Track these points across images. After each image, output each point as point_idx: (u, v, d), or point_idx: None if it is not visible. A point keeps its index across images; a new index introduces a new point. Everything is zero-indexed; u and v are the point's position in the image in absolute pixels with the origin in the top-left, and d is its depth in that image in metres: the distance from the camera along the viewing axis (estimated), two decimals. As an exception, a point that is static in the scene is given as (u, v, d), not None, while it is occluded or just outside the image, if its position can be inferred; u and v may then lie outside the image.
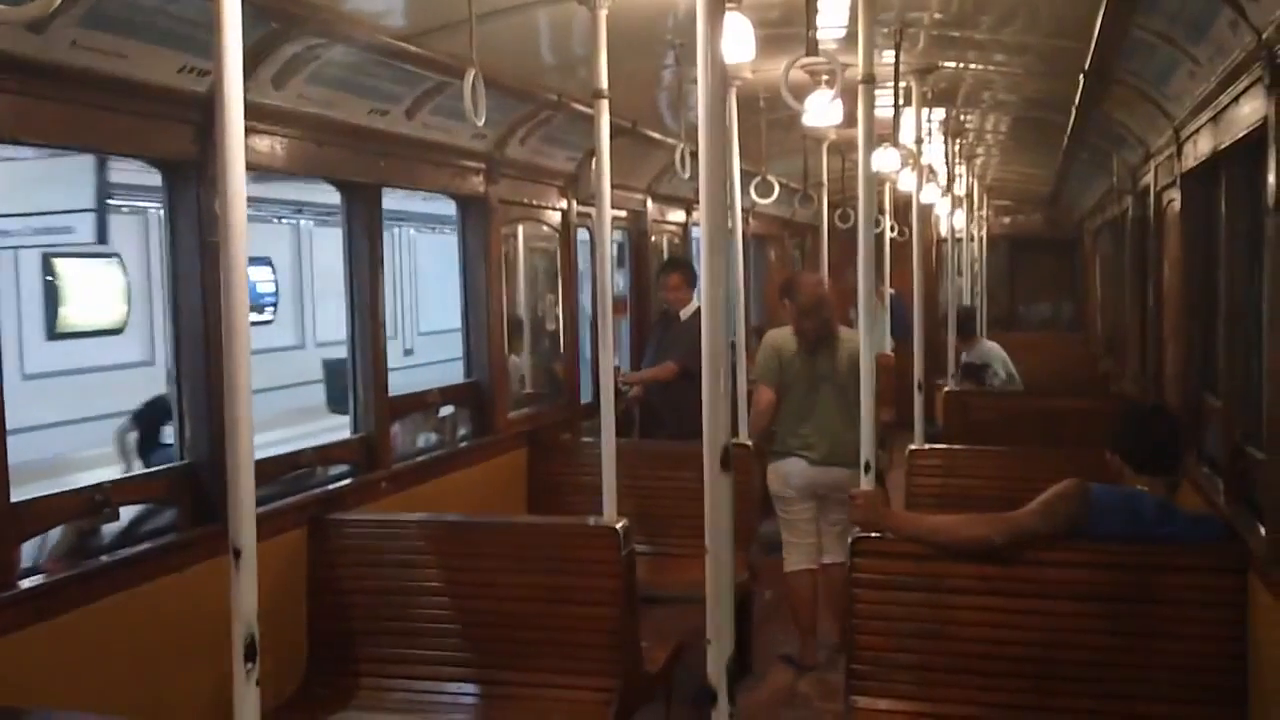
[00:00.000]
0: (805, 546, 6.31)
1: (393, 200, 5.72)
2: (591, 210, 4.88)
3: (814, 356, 6.33)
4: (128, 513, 3.97)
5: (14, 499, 3.32)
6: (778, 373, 6.33)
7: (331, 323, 15.11)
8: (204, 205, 3.96)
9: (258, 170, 4.33)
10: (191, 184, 3.99)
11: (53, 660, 3.32)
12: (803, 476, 6.28)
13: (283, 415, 12.59)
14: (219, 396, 3.20)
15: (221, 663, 2.53)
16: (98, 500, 3.68)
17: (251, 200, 2.55)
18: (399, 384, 5.42)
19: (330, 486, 4.90)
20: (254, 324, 2.81)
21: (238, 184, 2.42)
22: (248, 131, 2.53)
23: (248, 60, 2.69)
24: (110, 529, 3.84)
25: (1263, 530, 3.66)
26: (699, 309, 8.07)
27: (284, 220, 18.67)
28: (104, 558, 3.70)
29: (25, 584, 3.33)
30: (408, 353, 21.53)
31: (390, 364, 5.30)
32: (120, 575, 3.63)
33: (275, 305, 18.57)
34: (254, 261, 16.77)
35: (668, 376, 7.39)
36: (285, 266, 18.90)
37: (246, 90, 2.52)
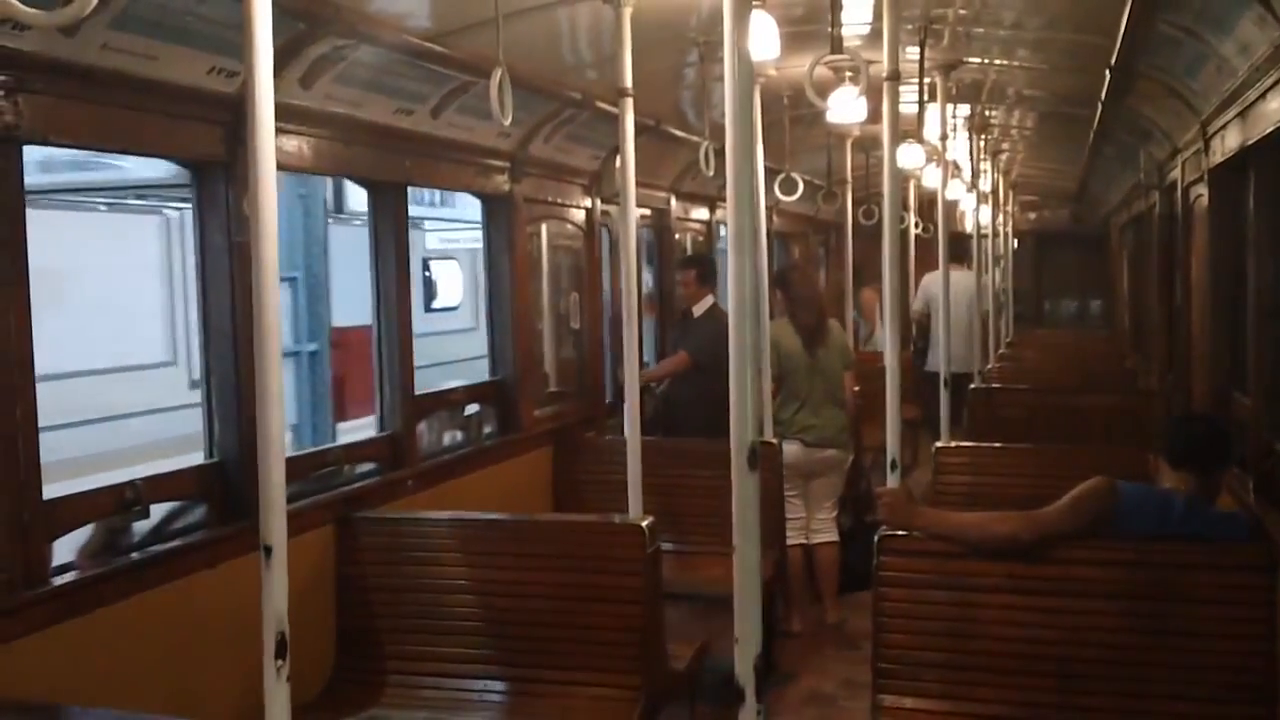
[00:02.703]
0: (797, 523, 6.84)
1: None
2: (615, 208, 4.90)
3: (809, 346, 6.90)
4: (159, 510, 3.99)
5: (51, 495, 3.37)
6: (776, 363, 6.78)
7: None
8: (232, 206, 3.99)
9: (286, 171, 4.36)
10: (220, 184, 4.02)
11: (85, 656, 3.36)
12: (799, 458, 6.77)
13: None
14: (249, 395, 3.24)
15: (251, 659, 2.55)
16: (129, 498, 3.71)
17: None
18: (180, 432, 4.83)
19: (357, 484, 4.92)
20: None
21: (268, 184, 2.44)
22: (276, 132, 2.54)
23: (276, 61, 2.71)
24: (141, 526, 3.86)
25: (1292, 528, 3.65)
26: (713, 305, 8.12)
27: None
28: (135, 555, 3.73)
29: (58, 581, 3.37)
30: (196, 385, 19.52)
31: (170, 402, 5.03)
32: (151, 572, 3.66)
33: None
34: None
35: (680, 368, 7.40)
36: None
37: (275, 90, 2.53)
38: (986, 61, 6.61)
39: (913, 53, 5.72)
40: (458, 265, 20.18)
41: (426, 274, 18.66)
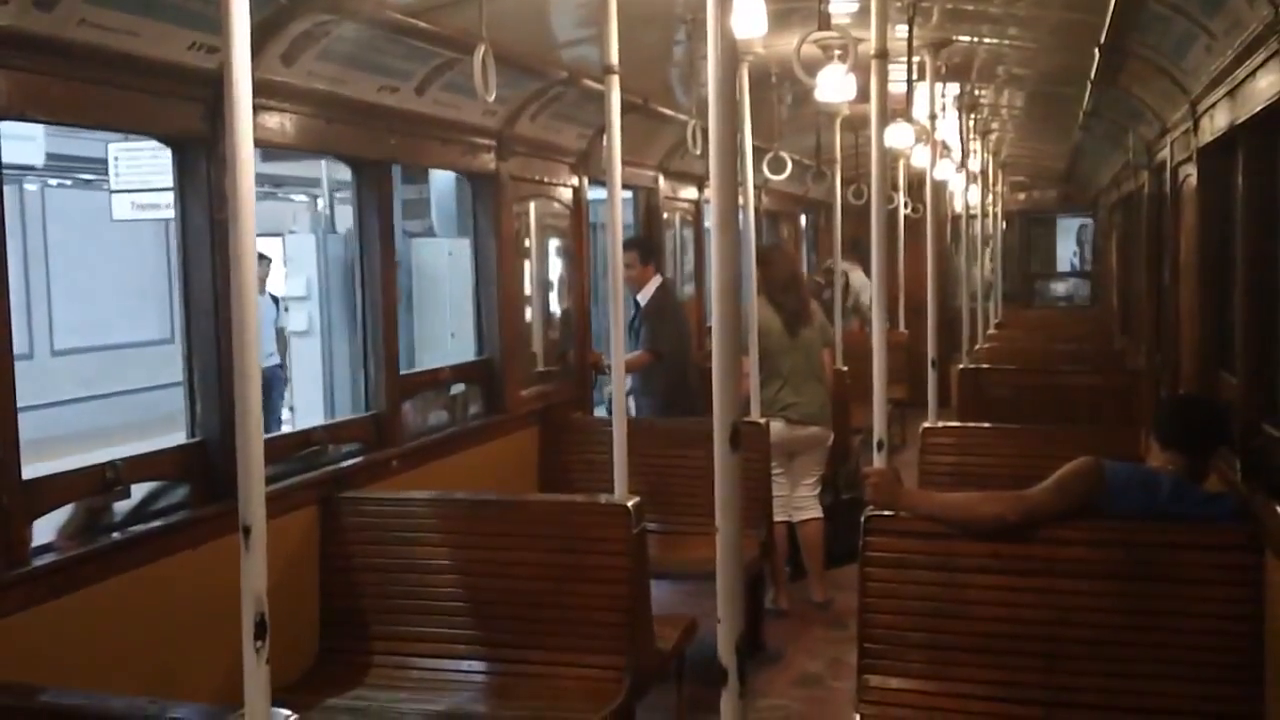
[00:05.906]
0: (781, 500, 6.83)
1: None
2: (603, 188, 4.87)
3: (790, 327, 6.91)
4: (140, 490, 3.96)
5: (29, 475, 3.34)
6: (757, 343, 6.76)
7: None
8: (214, 183, 3.94)
9: (268, 148, 4.32)
10: (201, 162, 3.97)
11: (65, 637, 3.33)
12: (782, 435, 6.75)
13: None
14: (229, 374, 3.21)
15: (233, 640, 2.53)
16: (109, 478, 3.68)
17: None
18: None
19: (341, 465, 4.90)
20: None
21: (246, 162, 2.41)
22: (257, 109, 2.51)
23: (257, 37, 2.67)
24: (122, 507, 3.83)
25: (1279, 508, 3.64)
26: (660, 286, 8.18)
27: None
28: (116, 535, 3.70)
29: (38, 561, 3.35)
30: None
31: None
32: (132, 553, 3.64)
33: None
34: None
35: (641, 365, 7.32)
36: None
37: (256, 67, 2.50)
38: (976, 40, 6.59)
39: (901, 30, 5.67)
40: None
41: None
